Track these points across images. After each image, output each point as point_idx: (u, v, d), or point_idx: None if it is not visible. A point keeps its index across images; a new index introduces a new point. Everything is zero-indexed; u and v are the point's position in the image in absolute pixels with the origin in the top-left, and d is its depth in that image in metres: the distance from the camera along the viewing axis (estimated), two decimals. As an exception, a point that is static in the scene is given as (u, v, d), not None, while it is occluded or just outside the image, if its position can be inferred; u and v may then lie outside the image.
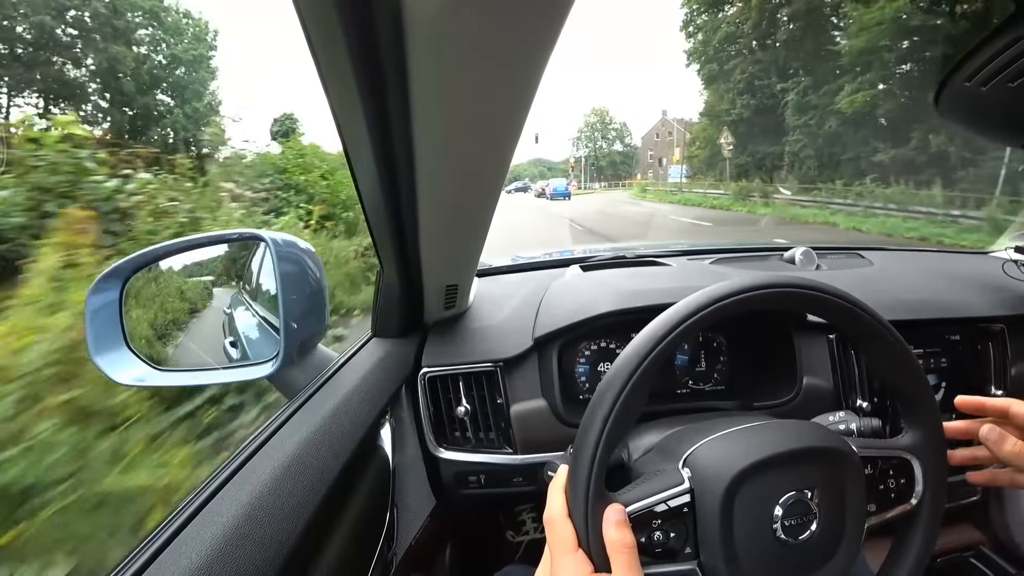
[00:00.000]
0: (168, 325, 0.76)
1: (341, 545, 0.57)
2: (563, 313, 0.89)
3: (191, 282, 0.81)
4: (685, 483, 0.46)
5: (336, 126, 0.41)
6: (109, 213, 3.08)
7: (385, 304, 0.80)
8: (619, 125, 69.02)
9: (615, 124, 69.11)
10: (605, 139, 68.47)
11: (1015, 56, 0.54)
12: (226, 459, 0.52)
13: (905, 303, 0.94)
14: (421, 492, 0.88)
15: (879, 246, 1.37)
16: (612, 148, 67.30)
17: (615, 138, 68.46)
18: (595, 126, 68.89)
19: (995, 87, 0.59)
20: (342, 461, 0.57)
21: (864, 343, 0.52)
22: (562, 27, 0.30)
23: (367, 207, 0.55)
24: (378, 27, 0.29)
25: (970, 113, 0.71)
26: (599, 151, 67.62)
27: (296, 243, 0.68)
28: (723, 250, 1.34)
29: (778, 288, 0.47)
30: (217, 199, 4.12)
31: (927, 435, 0.53)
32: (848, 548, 0.47)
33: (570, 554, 0.43)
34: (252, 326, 0.77)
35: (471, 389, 0.86)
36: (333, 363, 0.74)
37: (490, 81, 0.34)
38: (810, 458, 0.47)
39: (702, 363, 0.97)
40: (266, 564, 0.42)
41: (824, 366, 0.90)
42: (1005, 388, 0.94)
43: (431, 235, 0.58)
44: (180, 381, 0.85)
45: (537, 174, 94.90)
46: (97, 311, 0.64)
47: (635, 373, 0.44)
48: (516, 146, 0.44)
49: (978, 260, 1.29)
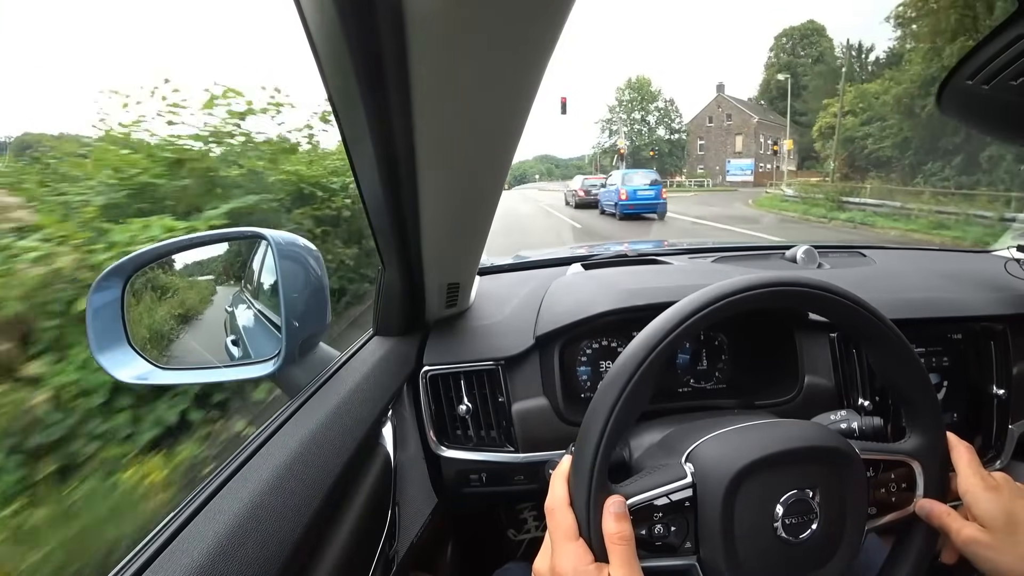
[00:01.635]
0: (170, 323, 0.76)
1: (343, 543, 0.57)
2: (564, 311, 0.89)
3: (192, 280, 0.81)
4: (688, 477, 0.46)
5: (337, 124, 0.41)
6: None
7: (386, 303, 0.80)
8: (664, 103, 48.27)
9: (659, 102, 48.18)
10: (645, 121, 48.46)
11: (1017, 55, 0.54)
12: (228, 457, 0.52)
13: (907, 302, 0.94)
14: (423, 490, 0.88)
15: (881, 245, 1.37)
16: (655, 134, 47.65)
17: (659, 120, 47.93)
18: (633, 103, 49.21)
19: (997, 85, 0.58)
20: (344, 459, 0.57)
21: (867, 343, 0.52)
22: (564, 22, 0.30)
23: (368, 205, 0.55)
24: (379, 25, 0.29)
25: (972, 111, 0.70)
26: (638, 135, 48.30)
27: (297, 241, 0.68)
28: (724, 248, 1.34)
29: (780, 287, 0.47)
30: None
31: (929, 440, 0.52)
32: (847, 549, 0.47)
33: (571, 543, 0.44)
34: (254, 324, 0.77)
35: (472, 387, 0.86)
36: (335, 361, 0.74)
37: (491, 79, 0.34)
38: (813, 458, 0.47)
39: (704, 362, 0.97)
40: (268, 562, 0.42)
41: (826, 365, 0.90)
42: (1006, 387, 0.94)
43: (432, 233, 0.58)
44: (182, 379, 0.85)
45: (545, 171, 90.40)
46: (99, 309, 0.64)
47: (639, 368, 0.44)
48: (518, 144, 0.44)
49: (980, 259, 1.29)
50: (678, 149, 46.57)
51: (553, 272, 1.10)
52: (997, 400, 0.94)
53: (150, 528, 0.42)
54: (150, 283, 0.72)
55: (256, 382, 2.21)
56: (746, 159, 35.24)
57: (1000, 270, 1.07)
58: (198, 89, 2.97)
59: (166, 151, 2.68)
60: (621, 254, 1.25)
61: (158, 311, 0.75)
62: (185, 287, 0.80)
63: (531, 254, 1.35)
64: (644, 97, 48.82)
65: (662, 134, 47.91)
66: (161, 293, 0.76)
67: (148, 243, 0.74)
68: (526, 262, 1.23)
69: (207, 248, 0.75)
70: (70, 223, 2.10)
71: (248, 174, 3.07)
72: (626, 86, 49.91)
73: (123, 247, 2.08)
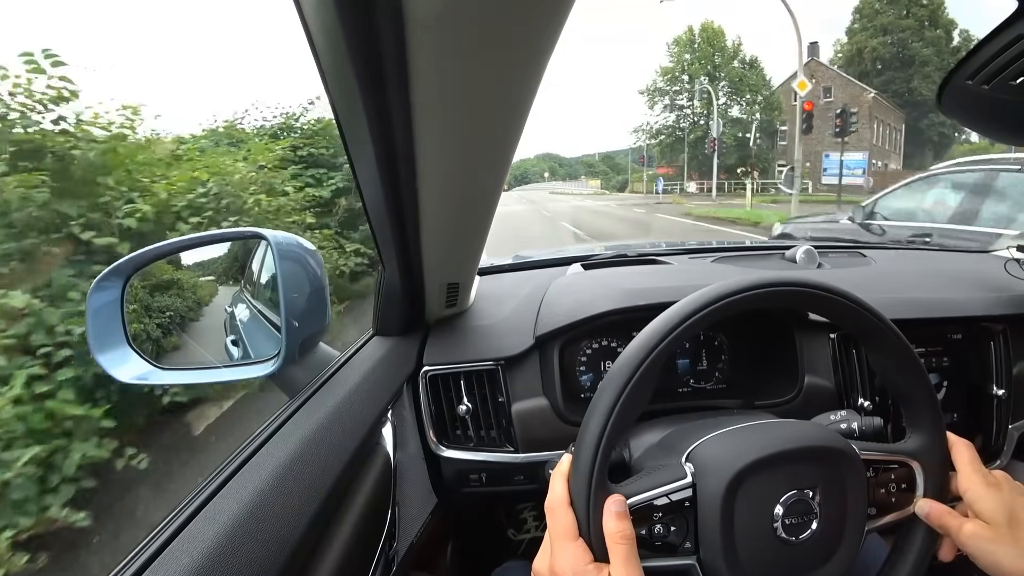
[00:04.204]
0: (169, 323, 0.76)
1: (343, 543, 0.57)
2: (564, 312, 0.89)
3: (192, 280, 0.81)
4: (688, 477, 0.46)
5: (337, 124, 0.41)
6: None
7: (386, 302, 0.80)
8: (750, 58, 30.63)
9: (737, 62, 30.57)
10: (736, 91, 30.30)
11: (1017, 55, 0.54)
12: (228, 457, 0.52)
13: (907, 302, 0.94)
14: (422, 490, 0.88)
15: (882, 245, 1.37)
16: (728, 113, 30.53)
17: (745, 91, 30.19)
18: (704, 60, 31.31)
19: (997, 85, 0.58)
20: (344, 460, 0.57)
21: (867, 343, 0.52)
22: (564, 22, 0.30)
23: (368, 205, 0.55)
24: (379, 25, 0.29)
25: (972, 111, 0.70)
26: (697, 116, 30.94)
27: (297, 242, 0.68)
28: (724, 248, 1.34)
29: (780, 287, 0.47)
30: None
31: (930, 440, 0.52)
32: (847, 549, 0.47)
33: (570, 542, 0.43)
34: (253, 325, 0.77)
35: (472, 387, 0.86)
36: (334, 362, 0.74)
37: (491, 78, 0.34)
38: (813, 458, 0.47)
39: (703, 362, 0.97)
40: (268, 562, 0.42)
41: (826, 365, 0.90)
42: (1006, 387, 0.94)
43: (432, 233, 0.58)
44: (182, 379, 0.85)
45: (547, 170, 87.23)
46: (99, 309, 0.64)
47: (640, 368, 0.44)
48: (518, 143, 0.44)
49: (980, 259, 1.29)
50: (767, 136, 30.77)
51: (553, 272, 1.10)
52: (997, 400, 0.94)
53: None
54: (150, 283, 0.72)
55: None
56: (856, 153, 22.97)
57: (1000, 270, 1.07)
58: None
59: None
60: (621, 254, 1.25)
61: (157, 311, 0.75)
62: (185, 287, 0.80)
63: (531, 254, 1.35)
64: (709, 56, 30.66)
65: (736, 113, 31.14)
66: (161, 293, 0.76)
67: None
68: (526, 262, 1.23)
69: (207, 248, 0.75)
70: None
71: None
72: (686, 39, 31.54)
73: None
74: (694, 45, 32.08)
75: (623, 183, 42.12)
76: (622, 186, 41.53)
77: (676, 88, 33.17)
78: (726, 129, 28.95)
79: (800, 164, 12.75)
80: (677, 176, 33.57)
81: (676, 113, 33.97)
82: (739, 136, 31.01)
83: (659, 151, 35.47)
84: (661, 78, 33.81)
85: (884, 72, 27.63)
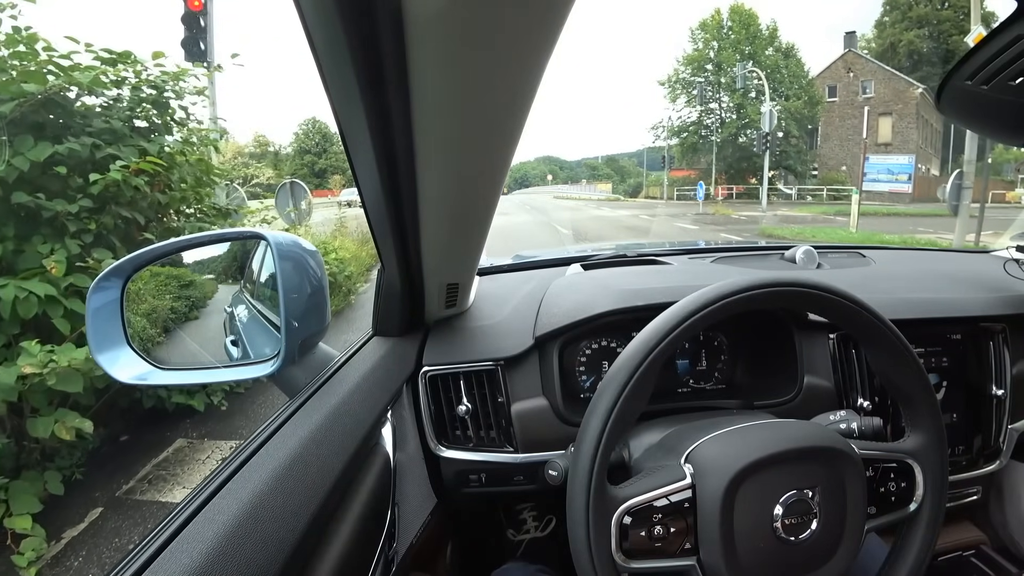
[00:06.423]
0: (169, 323, 0.76)
1: (342, 544, 0.57)
2: (564, 312, 0.89)
3: (192, 280, 0.81)
4: (687, 478, 0.46)
5: (337, 124, 0.41)
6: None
7: (386, 303, 0.80)
8: (787, 45, 26.25)
9: (771, 51, 26.30)
10: (777, 81, 25.08)
11: (1016, 55, 0.54)
12: (228, 457, 0.52)
13: (906, 302, 0.94)
14: (422, 491, 0.88)
15: (881, 246, 1.37)
16: (754, 107, 25.18)
17: (784, 82, 25.51)
18: (740, 44, 26.70)
19: (996, 86, 0.58)
20: (343, 460, 0.57)
21: (866, 343, 0.52)
22: (564, 23, 0.30)
23: (368, 205, 0.55)
24: (379, 25, 0.29)
25: (971, 111, 0.71)
26: (732, 110, 27.18)
27: (297, 242, 0.68)
28: (724, 249, 1.34)
29: (780, 287, 0.47)
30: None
31: (929, 439, 0.53)
32: (847, 549, 0.47)
33: None
34: (253, 325, 0.77)
35: (472, 388, 0.86)
36: (334, 362, 0.74)
37: (491, 78, 0.34)
38: (812, 458, 0.47)
39: (703, 362, 0.97)
40: (267, 563, 0.42)
41: (825, 365, 0.90)
42: (1006, 387, 0.94)
43: (432, 234, 0.58)
44: (181, 380, 0.85)
45: (548, 173, 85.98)
46: (98, 310, 0.64)
47: (639, 368, 0.44)
48: (517, 144, 0.44)
49: (979, 259, 1.29)
50: (807, 135, 26.39)
51: (552, 272, 1.10)
52: (996, 400, 0.94)
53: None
54: (149, 283, 0.72)
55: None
56: (902, 156, 20.20)
57: (999, 270, 1.07)
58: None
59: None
60: (620, 254, 1.25)
61: (157, 311, 0.75)
62: (185, 287, 0.80)
63: (531, 254, 1.35)
64: (738, 42, 26.17)
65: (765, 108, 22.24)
66: (161, 293, 0.76)
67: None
68: (525, 262, 1.23)
69: (206, 248, 0.75)
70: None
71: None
72: (714, 24, 27.24)
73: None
74: (722, 31, 27.56)
75: (636, 187, 37.73)
76: (635, 191, 37.12)
77: (702, 79, 28.56)
78: (756, 124, 23.33)
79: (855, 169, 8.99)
80: (696, 180, 27.04)
81: (701, 108, 28.87)
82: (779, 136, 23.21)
83: (679, 151, 30.70)
84: (685, 67, 28.91)
85: (920, 67, 24.11)
